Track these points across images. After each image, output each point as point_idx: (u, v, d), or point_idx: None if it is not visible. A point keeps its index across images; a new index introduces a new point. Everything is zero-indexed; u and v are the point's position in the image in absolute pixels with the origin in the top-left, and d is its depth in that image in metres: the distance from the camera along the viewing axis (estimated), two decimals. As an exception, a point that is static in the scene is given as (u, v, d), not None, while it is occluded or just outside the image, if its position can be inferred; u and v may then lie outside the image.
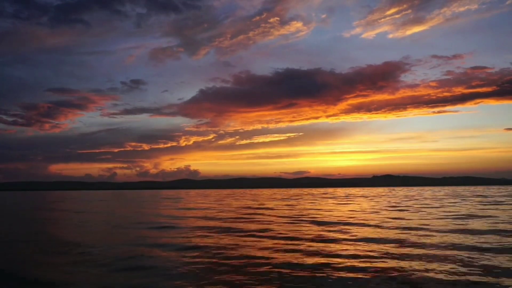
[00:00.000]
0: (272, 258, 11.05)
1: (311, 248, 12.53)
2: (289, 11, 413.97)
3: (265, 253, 11.77)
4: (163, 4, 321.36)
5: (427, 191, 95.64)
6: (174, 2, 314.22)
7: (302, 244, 13.37)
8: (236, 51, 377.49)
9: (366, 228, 17.71)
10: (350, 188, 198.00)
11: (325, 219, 22.51)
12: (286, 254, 11.68)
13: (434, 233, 15.60)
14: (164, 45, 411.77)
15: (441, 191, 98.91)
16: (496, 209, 29.23)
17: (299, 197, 67.18)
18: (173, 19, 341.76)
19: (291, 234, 16.07)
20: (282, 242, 14.06)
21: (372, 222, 20.22)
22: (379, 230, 16.99)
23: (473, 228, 17.00)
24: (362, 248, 12.49)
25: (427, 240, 13.75)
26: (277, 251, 12.19)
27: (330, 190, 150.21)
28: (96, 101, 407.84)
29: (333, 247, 12.78)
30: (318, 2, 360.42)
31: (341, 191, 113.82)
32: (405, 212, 27.45)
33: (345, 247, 12.76)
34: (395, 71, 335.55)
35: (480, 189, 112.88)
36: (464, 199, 46.13)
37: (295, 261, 10.54)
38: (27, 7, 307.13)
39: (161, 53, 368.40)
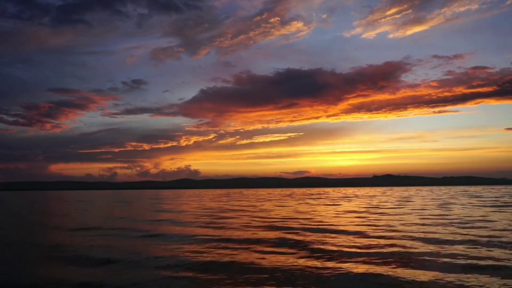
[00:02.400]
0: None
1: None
2: (289, 11, 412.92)
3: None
4: (164, 4, 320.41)
5: (427, 192, 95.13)
6: (175, 2, 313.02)
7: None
8: (237, 51, 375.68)
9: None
10: (350, 188, 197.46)
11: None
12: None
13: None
14: (165, 45, 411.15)
15: (432, 191, 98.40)
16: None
17: (280, 197, 65.48)
18: (174, 19, 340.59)
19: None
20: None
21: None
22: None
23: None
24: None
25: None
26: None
27: (328, 189, 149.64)
28: (97, 101, 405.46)
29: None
30: (319, 2, 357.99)
31: (333, 191, 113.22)
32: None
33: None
34: (396, 71, 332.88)
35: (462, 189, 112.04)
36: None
37: None
38: (29, 8, 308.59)
39: (162, 53, 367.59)
